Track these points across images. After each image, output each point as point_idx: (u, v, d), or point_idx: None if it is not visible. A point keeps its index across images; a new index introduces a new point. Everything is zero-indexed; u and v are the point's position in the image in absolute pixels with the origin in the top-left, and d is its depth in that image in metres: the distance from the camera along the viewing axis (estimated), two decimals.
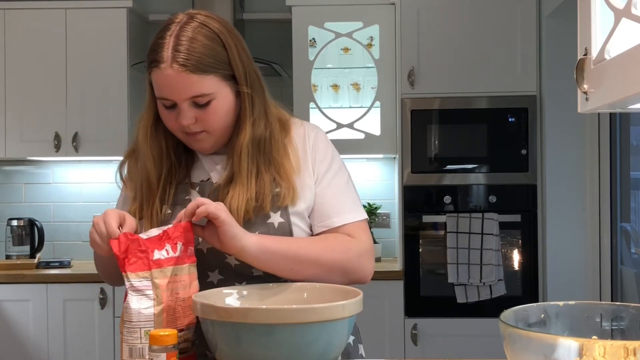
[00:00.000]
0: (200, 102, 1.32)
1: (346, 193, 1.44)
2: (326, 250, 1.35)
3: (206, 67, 1.30)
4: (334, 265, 1.35)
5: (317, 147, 1.45)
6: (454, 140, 3.43)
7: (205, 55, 1.30)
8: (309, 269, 1.32)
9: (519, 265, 3.37)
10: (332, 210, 1.40)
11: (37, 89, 3.63)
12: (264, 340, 1.07)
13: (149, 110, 1.41)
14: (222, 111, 1.34)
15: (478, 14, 3.41)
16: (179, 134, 1.38)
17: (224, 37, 1.33)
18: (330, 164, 1.44)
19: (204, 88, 1.30)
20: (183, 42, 1.29)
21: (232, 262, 1.35)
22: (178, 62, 1.28)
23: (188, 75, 1.28)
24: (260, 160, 1.37)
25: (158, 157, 1.39)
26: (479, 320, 3.30)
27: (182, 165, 1.42)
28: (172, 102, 1.33)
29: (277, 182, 1.37)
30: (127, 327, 1.18)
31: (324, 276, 1.34)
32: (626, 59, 0.85)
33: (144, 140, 1.40)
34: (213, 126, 1.35)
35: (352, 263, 1.36)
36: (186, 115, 1.32)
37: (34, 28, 3.62)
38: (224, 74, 1.33)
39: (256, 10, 3.85)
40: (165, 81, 1.30)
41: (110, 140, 3.63)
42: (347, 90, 3.68)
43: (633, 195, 3.26)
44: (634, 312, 0.96)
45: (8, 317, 3.38)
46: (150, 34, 3.96)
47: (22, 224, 3.72)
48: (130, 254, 1.19)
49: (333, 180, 1.43)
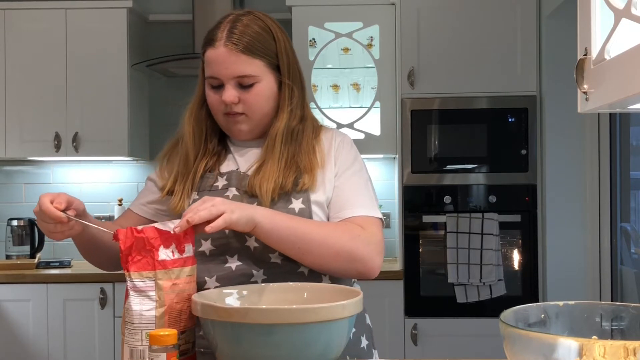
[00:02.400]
0: (244, 82, 1.42)
1: (363, 191, 1.49)
2: (334, 232, 1.38)
3: (255, 51, 1.42)
4: (342, 248, 1.37)
5: (343, 147, 1.52)
6: (454, 140, 3.43)
7: (256, 40, 1.42)
8: (316, 249, 1.36)
9: (519, 265, 3.37)
10: (347, 203, 1.46)
11: (37, 89, 3.63)
12: (264, 340, 1.07)
13: (197, 94, 1.53)
14: (264, 96, 1.45)
15: (478, 14, 3.41)
16: (220, 117, 1.47)
17: (274, 31, 1.46)
18: (352, 163, 1.51)
19: (251, 69, 1.42)
20: (239, 26, 1.42)
21: (252, 246, 1.39)
22: (231, 40, 1.40)
23: (238, 54, 1.40)
24: (291, 149, 1.46)
25: (198, 137, 1.50)
26: (479, 320, 3.30)
27: (214, 155, 1.51)
28: (219, 82, 1.43)
29: (302, 171, 1.45)
30: (128, 328, 1.17)
31: (331, 260, 1.37)
32: (626, 59, 0.85)
33: (188, 120, 1.52)
34: (253, 108, 1.45)
35: (359, 250, 1.38)
36: (229, 93, 1.42)
37: (34, 28, 3.63)
38: (270, 62, 1.45)
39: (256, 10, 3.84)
40: (216, 58, 1.42)
41: (110, 140, 3.63)
42: (347, 90, 3.68)
43: (633, 195, 3.26)
44: (634, 312, 0.96)
45: (8, 317, 3.38)
46: (150, 34, 3.97)
47: (22, 224, 3.72)
48: (134, 252, 1.18)
49: (352, 177, 1.49)
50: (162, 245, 1.20)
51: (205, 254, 1.42)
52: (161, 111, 3.98)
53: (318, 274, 1.43)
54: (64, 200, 1.29)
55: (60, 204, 1.28)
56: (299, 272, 1.41)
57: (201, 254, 1.42)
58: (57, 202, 1.28)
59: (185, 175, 1.48)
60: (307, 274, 1.42)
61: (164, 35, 3.96)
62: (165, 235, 1.21)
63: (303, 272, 1.42)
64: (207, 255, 1.42)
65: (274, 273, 1.40)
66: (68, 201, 1.30)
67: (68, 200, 1.30)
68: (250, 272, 1.39)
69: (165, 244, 1.21)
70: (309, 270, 1.42)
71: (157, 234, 1.20)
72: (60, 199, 1.29)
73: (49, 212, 1.26)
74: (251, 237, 1.39)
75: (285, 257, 1.40)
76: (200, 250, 1.42)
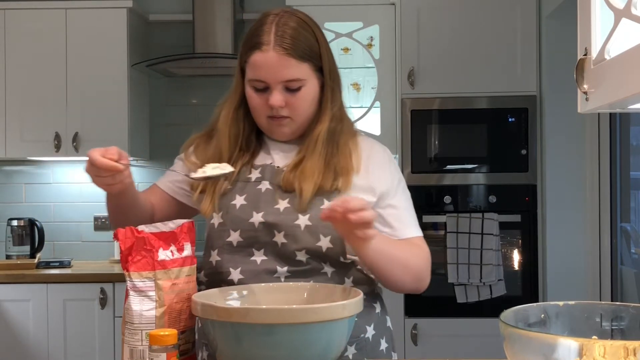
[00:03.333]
0: (292, 86, 1.43)
1: (411, 209, 1.54)
2: (413, 255, 1.45)
3: (303, 55, 1.42)
4: (417, 270, 1.45)
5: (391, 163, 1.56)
6: (454, 140, 3.42)
7: (303, 44, 1.42)
8: (399, 271, 1.42)
9: (519, 265, 3.37)
10: (405, 223, 1.50)
11: (37, 89, 3.63)
12: (264, 340, 1.07)
13: (234, 95, 1.51)
14: (309, 99, 1.45)
15: (478, 14, 3.40)
16: (262, 119, 1.47)
17: (317, 33, 1.46)
18: (400, 180, 1.55)
19: (299, 73, 1.42)
20: (286, 29, 1.41)
21: (279, 241, 1.40)
22: (282, 45, 1.40)
23: (288, 58, 1.40)
24: (329, 149, 1.47)
25: (234, 139, 1.50)
26: (479, 320, 3.30)
27: (250, 150, 1.51)
28: (264, 85, 1.43)
29: (339, 173, 1.46)
30: (128, 328, 1.17)
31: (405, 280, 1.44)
32: (626, 59, 0.85)
33: (224, 121, 1.51)
34: (298, 112, 1.45)
35: (426, 271, 1.48)
36: (277, 97, 1.42)
37: (34, 28, 3.62)
38: (315, 64, 1.45)
39: (256, 10, 3.85)
40: (265, 63, 1.40)
41: (110, 140, 3.59)
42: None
43: (633, 195, 3.26)
44: (634, 312, 0.96)
45: (8, 317, 3.38)
46: (150, 34, 3.97)
47: (22, 224, 3.72)
48: (134, 252, 1.18)
49: (404, 194, 1.53)
50: (161, 246, 1.20)
51: (233, 244, 1.43)
52: (161, 111, 3.98)
53: (341, 276, 1.44)
54: (115, 151, 1.32)
55: (113, 155, 1.31)
56: (323, 273, 1.42)
57: (229, 245, 1.43)
58: (109, 154, 1.31)
59: None
60: (329, 275, 1.42)
61: (164, 35, 3.96)
62: (165, 236, 1.21)
63: (326, 272, 1.42)
64: (234, 246, 1.43)
65: (298, 271, 1.41)
66: (119, 152, 1.33)
67: (118, 152, 1.33)
68: (275, 268, 1.40)
69: (165, 244, 1.21)
70: (333, 271, 1.43)
71: (156, 234, 1.20)
72: (112, 151, 1.32)
73: (105, 164, 1.29)
74: (280, 232, 1.40)
75: (311, 256, 1.41)
76: (228, 241, 1.43)
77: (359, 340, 1.44)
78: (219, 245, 1.44)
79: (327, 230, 1.40)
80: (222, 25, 3.69)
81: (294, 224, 1.40)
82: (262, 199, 1.42)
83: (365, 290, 1.46)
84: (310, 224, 1.40)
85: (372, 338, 1.47)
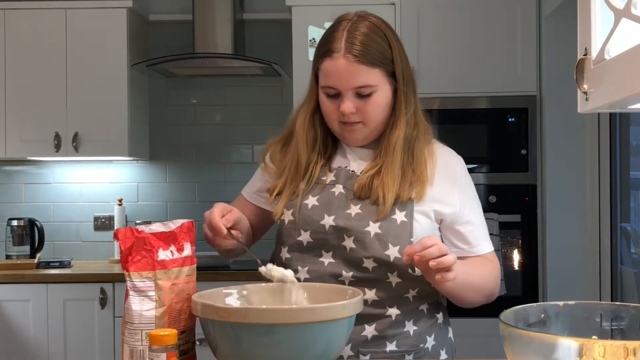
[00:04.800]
0: (363, 92, 1.42)
1: (484, 223, 1.54)
2: (488, 276, 1.48)
3: (374, 61, 1.42)
4: (490, 290, 1.49)
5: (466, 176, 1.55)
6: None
7: (375, 50, 1.42)
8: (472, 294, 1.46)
9: (519, 265, 3.37)
10: (480, 238, 1.51)
11: (37, 89, 3.63)
12: (264, 340, 1.07)
13: (310, 100, 1.52)
14: (381, 105, 1.45)
15: (478, 14, 3.40)
16: (335, 125, 1.48)
17: (389, 37, 1.46)
18: (474, 194, 1.55)
19: (370, 79, 1.42)
20: (357, 35, 1.42)
21: (348, 246, 1.41)
22: (352, 52, 1.40)
23: (358, 65, 1.40)
24: (406, 158, 1.46)
25: (311, 143, 1.51)
26: (479, 320, 3.29)
27: (327, 154, 1.53)
28: (336, 91, 1.43)
29: (413, 183, 1.45)
30: (128, 328, 1.17)
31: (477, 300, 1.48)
32: (626, 59, 0.85)
33: (301, 126, 1.51)
34: (370, 118, 1.45)
35: (497, 289, 1.51)
36: (348, 104, 1.42)
37: (34, 28, 3.62)
38: (387, 70, 1.44)
39: (256, 10, 3.84)
40: (336, 70, 1.41)
41: (110, 140, 3.63)
42: None
43: (633, 195, 3.26)
44: (634, 312, 0.96)
45: (8, 317, 3.38)
46: (150, 34, 3.97)
47: (22, 224, 3.72)
48: (134, 252, 1.18)
49: (478, 208, 1.54)
50: (161, 246, 1.20)
51: (303, 244, 1.45)
52: (161, 111, 3.98)
53: (406, 288, 1.45)
54: (232, 218, 1.38)
55: (228, 222, 1.37)
56: (387, 282, 1.43)
57: (299, 244, 1.45)
58: (226, 218, 1.37)
59: (295, 179, 1.49)
60: (394, 285, 1.43)
61: (164, 35, 3.96)
62: (164, 235, 1.21)
63: (391, 282, 1.43)
64: (304, 246, 1.45)
65: (363, 278, 1.41)
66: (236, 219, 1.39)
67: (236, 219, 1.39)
68: (340, 272, 1.41)
69: (165, 244, 1.21)
70: (398, 282, 1.43)
71: (156, 234, 1.20)
72: (230, 217, 1.38)
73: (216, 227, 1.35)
74: (350, 237, 1.41)
75: (378, 265, 1.41)
76: (299, 240, 1.45)
77: (418, 350, 1.45)
78: (289, 242, 1.47)
79: (397, 240, 1.40)
80: (222, 25, 3.69)
81: (364, 230, 1.40)
82: (335, 202, 1.44)
83: (428, 301, 1.49)
84: (380, 232, 1.40)
85: (431, 348, 1.48)
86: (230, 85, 3.92)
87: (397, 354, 1.42)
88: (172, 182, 3.98)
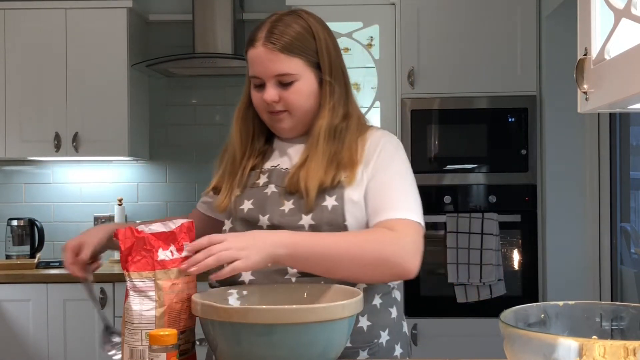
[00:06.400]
0: (284, 80, 1.44)
1: (400, 193, 1.44)
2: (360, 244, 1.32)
3: (293, 49, 1.44)
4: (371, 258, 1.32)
5: (385, 147, 1.48)
6: (453, 140, 3.42)
7: (294, 39, 1.44)
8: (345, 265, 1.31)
9: (518, 265, 3.37)
10: (380, 206, 1.40)
11: (37, 89, 3.63)
12: (264, 340, 1.07)
13: (244, 94, 1.56)
14: (304, 93, 1.46)
15: (478, 14, 3.40)
16: (265, 115, 1.50)
17: (315, 29, 1.49)
18: (389, 165, 1.46)
19: (289, 68, 1.44)
20: (278, 25, 1.45)
21: None
22: (270, 40, 1.43)
23: (277, 53, 1.43)
24: (334, 146, 1.46)
25: (245, 137, 1.54)
26: (479, 320, 3.30)
27: (261, 154, 1.55)
28: (261, 81, 1.46)
29: (343, 167, 1.44)
30: (128, 328, 1.17)
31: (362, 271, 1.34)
32: (626, 59, 0.85)
33: (236, 120, 1.56)
34: (294, 106, 1.46)
35: (386, 253, 1.32)
36: (270, 91, 1.44)
37: (34, 28, 3.62)
38: (310, 60, 1.46)
39: (256, 10, 3.85)
40: (256, 58, 1.45)
41: (110, 140, 3.63)
42: None
43: (633, 195, 3.26)
44: (634, 312, 0.96)
45: (8, 317, 3.38)
46: (150, 34, 3.97)
47: (22, 224, 3.72)
48: (134, 252, 1.18)
49: (390, 179, 1.44)
50: (161, 246, 1.20)
51: None
52: (161, 111, 3.98)
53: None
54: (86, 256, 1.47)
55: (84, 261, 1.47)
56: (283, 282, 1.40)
57: None
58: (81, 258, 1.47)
59: (233, 173, 1.52)
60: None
61: (164, 35, 3.96)
62: (164, 236, 1.21)
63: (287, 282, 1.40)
64: None
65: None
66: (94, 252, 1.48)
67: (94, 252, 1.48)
68: (285, 268, 1.38)
69: (165, 244, 1.21)
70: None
71: (156, 234, 1.20)
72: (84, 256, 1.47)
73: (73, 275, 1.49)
74: None
75: None
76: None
77: (372, 345, 1.43)
78: None
79: (331, 227, 1.38)
80: (222, 25, 3.69)
81: (298, 225, 1.39)
82: (268, 202, 1.44)
83: (380, 294, 1.46)
84: (314, 222, 1.39)
85: (386, 343, 1.45)
86: (230, 85, 3.92)
87: (351, 350, 1.38)
88: (172, 182, 3.98)
